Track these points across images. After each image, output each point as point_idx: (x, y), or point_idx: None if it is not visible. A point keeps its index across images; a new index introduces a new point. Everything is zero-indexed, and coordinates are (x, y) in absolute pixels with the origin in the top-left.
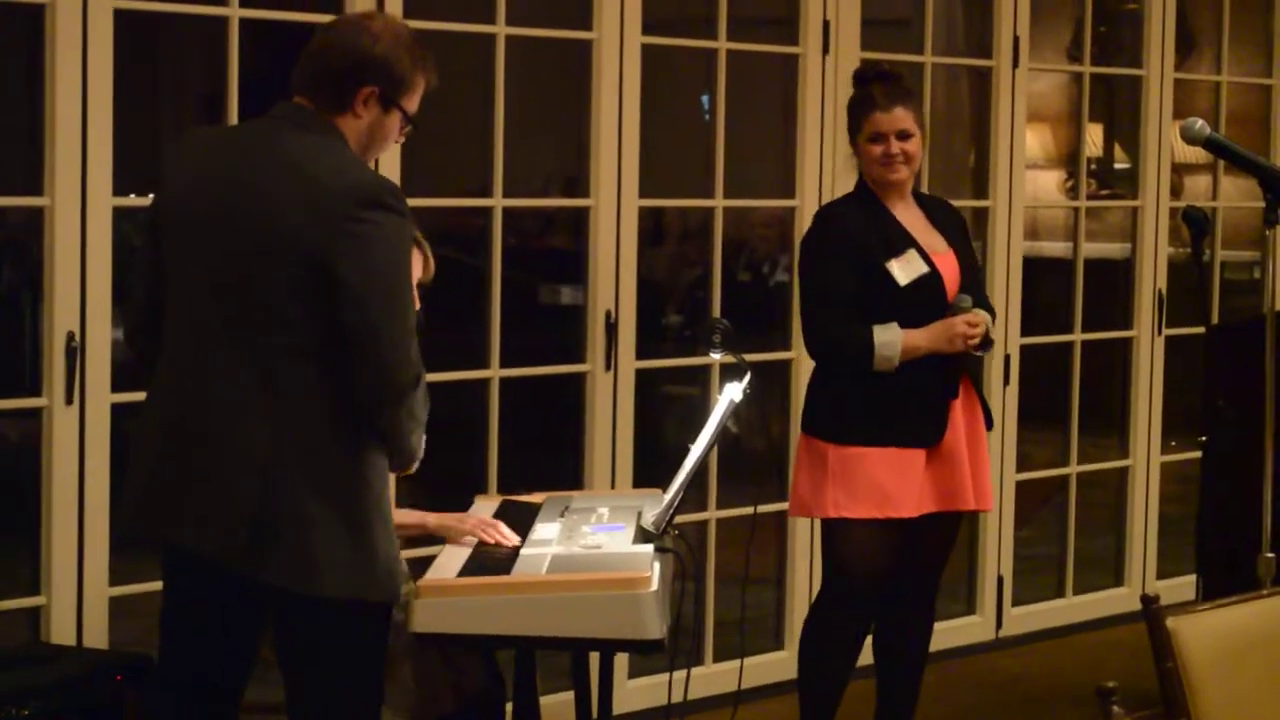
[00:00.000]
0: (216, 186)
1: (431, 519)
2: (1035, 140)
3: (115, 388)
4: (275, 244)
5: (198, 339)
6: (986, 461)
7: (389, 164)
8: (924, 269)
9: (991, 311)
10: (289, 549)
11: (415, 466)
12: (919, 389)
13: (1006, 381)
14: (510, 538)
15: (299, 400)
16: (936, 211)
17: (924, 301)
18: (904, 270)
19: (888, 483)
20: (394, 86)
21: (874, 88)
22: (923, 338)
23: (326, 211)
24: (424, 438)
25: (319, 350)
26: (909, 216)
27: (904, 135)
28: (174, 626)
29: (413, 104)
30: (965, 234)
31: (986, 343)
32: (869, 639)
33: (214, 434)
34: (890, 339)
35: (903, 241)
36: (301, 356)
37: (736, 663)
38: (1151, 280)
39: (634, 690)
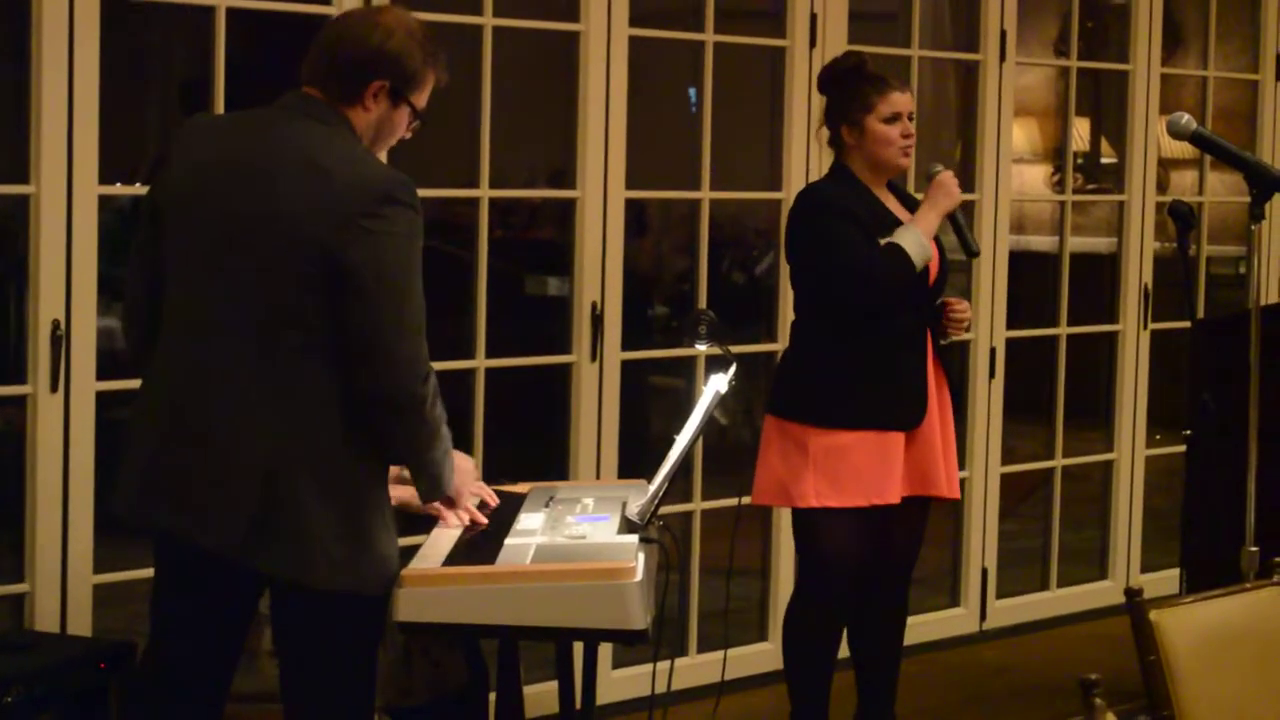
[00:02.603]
0: (225, 176)
1: (403, 494)
2: (1022, 134)
3: (100, 375)
4: (286, 239)
5: (202, 329)
6: (954, 447)
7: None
8: None
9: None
10: (290, 543)
11: (448, 490)
12: (898, 369)
13: (992, 374)
14: (478, 519)
15: (306, 396)
16: (907, 200)
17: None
18: None
19: (872, 469)
20: (404, 81)
21: (869, 71)
22: (930, 210)
23: (340, 207)
24: (450, 458)
25: (326, 346)
26: (891, 202)
27: (911, 117)
28: (165, 613)
29: (422, 99)
30: None
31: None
32: (844, 631)
33: (218, 427)
34: (912, 241)
35: (893, 223)
36: (309, 352)
37: (720, 653)
38: (1137, 274)
39: (618, 680)
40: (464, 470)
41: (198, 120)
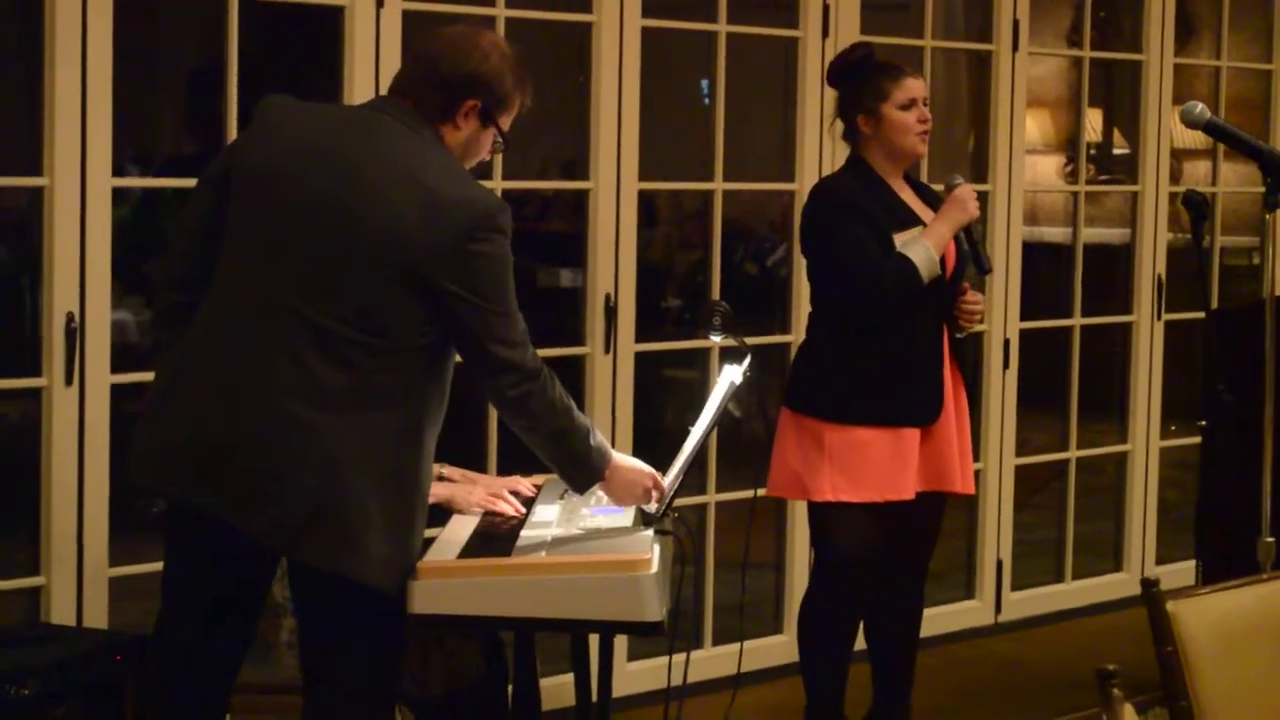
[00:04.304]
0: (318, 162)
1: (443, 492)
2: (1035, 125)
3: (115, 368)
4: (383, 245)
5: (261, 310)
6: (970, 443)
7: None
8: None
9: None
10: (341, 536)
11: (599, 477)
12: (915, 364)
13: (1006, 366)
14: (518, 508)
15: (371, 395)
16: (924, 191)
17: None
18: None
19: (888, 465)
20: (495, 103)
21: (880, 61)
22: (943, 225)
23: (446, 227)
24: (594, 448)
25: (397, 350)
26: (907, 195)
27: (927, 103)
28: (178, 590)
29: (507, 123)
30: None
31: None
32: (860, 624)
33: (279, 415)
34: (921, 252)
35: (908, 217)
36: (379, 353)
37: (736, 646)
38: (1151, 265)
39: (633, 673)
40: (628, 471)
41: (283, 99)
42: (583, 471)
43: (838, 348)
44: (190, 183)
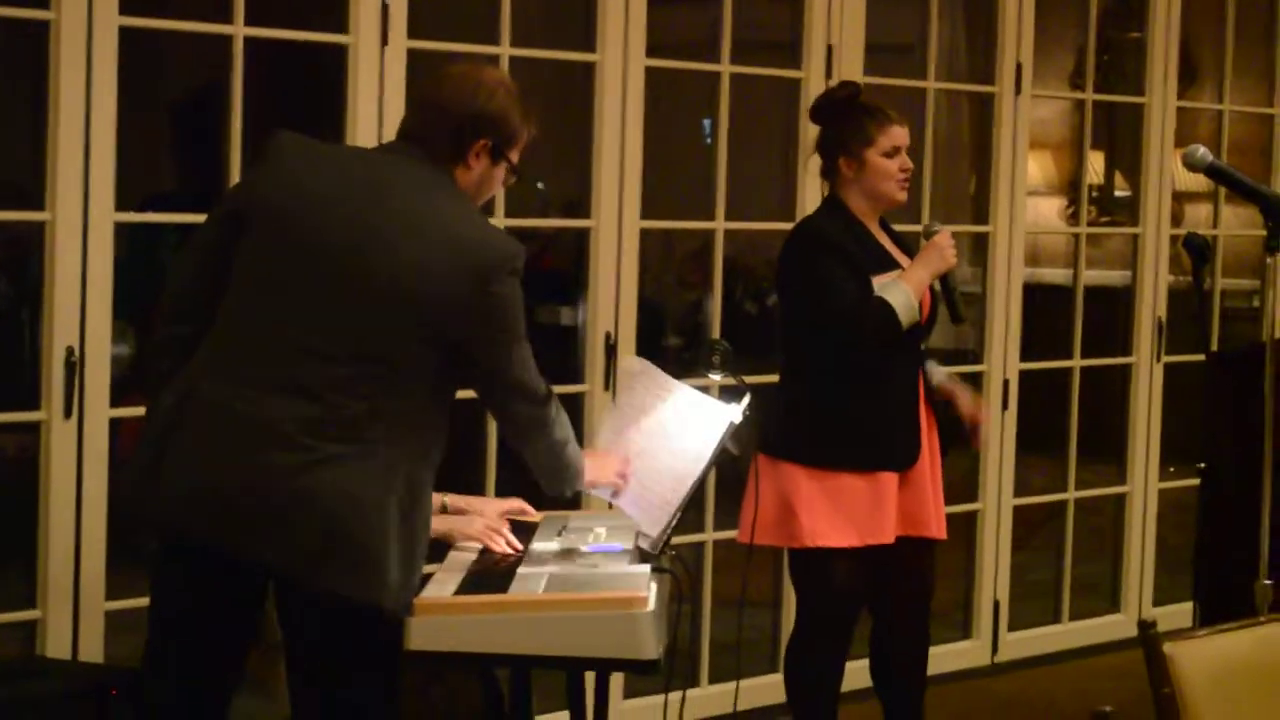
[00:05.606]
0: (338, 208)
1: (441, 527)
2: (1036, 167)
3: (114, 402)
4: (400, 288)
5: (273, 346)
6: (941, 488)
7: None
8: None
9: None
10: (358, 562)
11: (583, 479)
12: (892, 409)
13: (1005, 406)
14: (514, 545)
15: (383, 427)
16: (898, 236)
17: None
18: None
19: (867, 509)
20: (505, 140)
21: (866, 103)
22: (921, 270)
23: (464, 273)
24: (580, 454)
25: (408, 382)
26: (883, 238)
27: (910, 151)
28: (168, 627)
29: (517, 155)
30: None
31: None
32: (869, 666)
33: (294, 448)
34: (900, 296)
35: (886, 260)
36: (391, 386)
37: (732, 685)
38: (1151, 307)
39: (629, 711)
40: (601, 460)
41: (294, 137)
42: (571, 475)
43: (812, 393)
44: (191, 218)
